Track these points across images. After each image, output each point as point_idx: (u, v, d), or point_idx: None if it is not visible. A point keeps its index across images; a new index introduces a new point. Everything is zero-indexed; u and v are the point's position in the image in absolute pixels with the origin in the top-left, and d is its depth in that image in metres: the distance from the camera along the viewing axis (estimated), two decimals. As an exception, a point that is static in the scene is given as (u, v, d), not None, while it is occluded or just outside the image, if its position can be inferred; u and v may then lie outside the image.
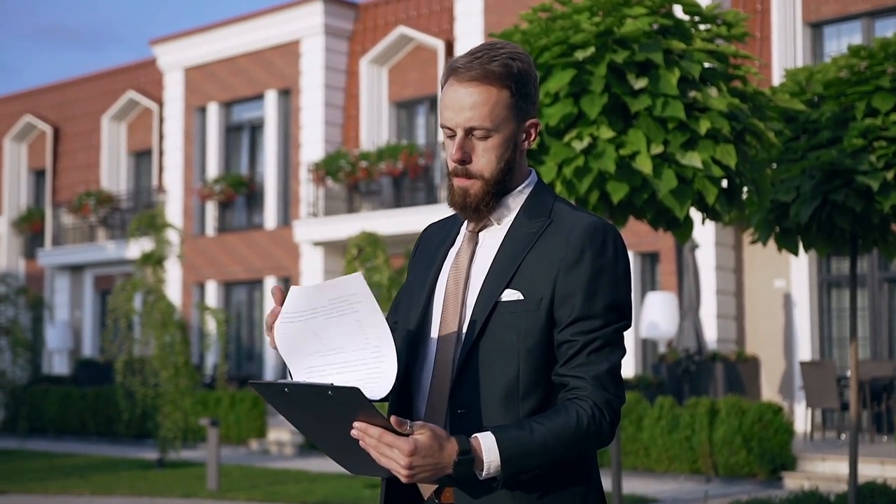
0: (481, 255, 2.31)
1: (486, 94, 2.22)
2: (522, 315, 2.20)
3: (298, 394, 2.04)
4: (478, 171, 2.26)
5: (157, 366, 14.85)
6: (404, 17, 20.74)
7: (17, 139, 27.56)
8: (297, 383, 2.04)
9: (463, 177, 2.26)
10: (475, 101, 2.22)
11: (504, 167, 2.26)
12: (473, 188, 2.27)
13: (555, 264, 2.21)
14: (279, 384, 2.05)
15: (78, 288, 25.67)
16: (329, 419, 2.06)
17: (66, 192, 26.02)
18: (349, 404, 2.00)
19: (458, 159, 2.25)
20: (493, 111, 2.22)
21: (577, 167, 6.05)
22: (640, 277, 17.13)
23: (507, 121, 2.24)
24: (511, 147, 2.27)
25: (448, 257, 2.38)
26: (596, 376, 2.17)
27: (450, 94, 2.25)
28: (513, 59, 2.25)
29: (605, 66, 5.98)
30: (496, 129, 2.23)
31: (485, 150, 2.24)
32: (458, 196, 2.29)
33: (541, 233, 2.26)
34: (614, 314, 2.22)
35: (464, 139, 2.24)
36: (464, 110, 2.22)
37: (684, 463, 12.90)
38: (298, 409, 2.09)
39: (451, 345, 2.26)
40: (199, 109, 23.16)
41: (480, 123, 2.22)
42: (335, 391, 1.99)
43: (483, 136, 2.24)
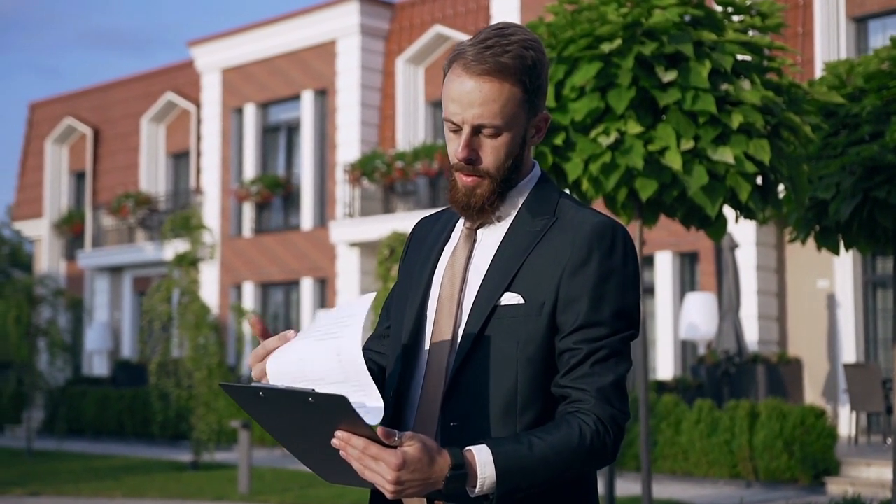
0: (479, 254, 2.13)
1: (497, 89, 2.03)
2: (522, 320, 2.03)
3: (275, 399, 1.88)
4: (485, 169, 2.08)
5: (191, 367, 14.80)
6: (440, 16, 20.58)
7: (59, 141, 27.75)
8: (274, 388, 1.87)
9: (469, 174, 2.09)
10: (486, 97, 2.03)
11: (511, 165, 2.09)
12: (480, 187, 2.09)
13: (559, 266, 2.03)
14: (253, 387, 1.89)
15: (117, 289, 25.78)
16: (308, 427, 1.90)
17: (106, 193, 26.14)
18: (332, 413, 1.83)
19: (465, 158, 2.07)
20: (505, 108, 2.04)
21: (603, 163, 5.86)
22: (680, 278, 16.85)
23: (518, 117, 2.07)
24: (520, 144, 2.10)
25: (443, 256, 2.19)
26: (600, 389, 1.99)
27: (456, 86, 2.05)
28: (526, 49, 2.06)
29: (632, 58, 5.78)
30: (507, 126, 2.06)
31: (493, 149, 2.07)
32: (462, 195, 2.10)
33: (544, 232, 2.08)
34: (622, 322, 2.03)
35: (471, 136, 2.06)
36: (472, 106, 2.04)
37: (724, 467, 12.62)
38: (274, 415, 1.93)
39: (445, 352, 2.08)
40: (236, 110, 23.16)
41: (490, 121, 2.04)
42: (317, 398, 1.82)
43: (492, 133, 2.06)
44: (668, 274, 16.75)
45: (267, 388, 1.87)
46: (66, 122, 27.21)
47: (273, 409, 1.91)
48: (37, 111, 28.72)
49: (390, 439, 1.85)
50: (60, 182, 27.79)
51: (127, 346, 25.00)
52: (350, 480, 1.95)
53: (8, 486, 13.03)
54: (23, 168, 28.86)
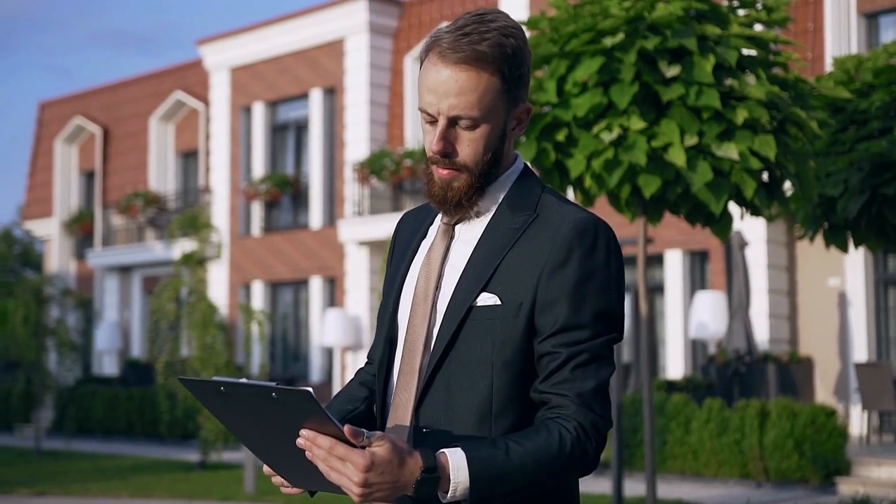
0: (456, 251, 2.04)
1: (474, 79, 1.93)
2: (499, 322, 1.93)
3: (236, 394, 1.79)
4: (462, 162, 1.99)
5: (198, 367, 14.74)
6: (449, 13, 20.50)
7: (68, 141, 27.76)
8: (236, 382, 1.77)
9: (445, 167, 2.00)
10: (462, 87, 1.93)
11: (491, 159, 2.00)
12: (457, 181, 1.99)
13: (538, 265, 1.94)
14: (214, 382, 1.79)
15: (127, 289, 25.77)
16: (272, 425, 1.81)
17: (116, 193, 26.14)
18: (296, 409, 1.74)
19: (441, 151, 1.97)
20: (482, 99, 1.94)
21: (606, 160, 5.77)
22: (690, 276, 16.74)
23: (497, 108, 1.97)
24: (500, 136, 2.00)
25: (419, 252, 2.11)
26: (580, 394, 1.90)
27: (432, 75, 1.96)
28: (506, 37, 1.95)
29: (635, 53, 5.69)
30: (484, 118, 1.96)
31: (470, 141, 1.97)
32: (438, 188, 2.01)
33: (524, 229, 1.99)
34: (604, 324, 1.94)
35: (447, 128, 1.97)
36: (448, 96, 1.94)
37: (734, 467, 12.51)
38: (238, 413, 1.84)
39: (418, 353, 2.00)
40: (244, 109, 23.12)
41: (467, 113, 1.94)
42: (281, 393, 1.73)
43: (469, 125, 1.96)
44: (677, 272, 16.64)
45: (228, 382, 1.78)
46: (75, 121, 27.22)
47: (236, 405, 1.82)
48: (46, 111, 28.75)
49: (358, 439, 1.76)
50: (70, 181, 27.80)
51: (136, 345, 24.99)
52: (316, 485, 1.87)
53: (15, 486, 13.00)
54: (33, 168, 28.89)
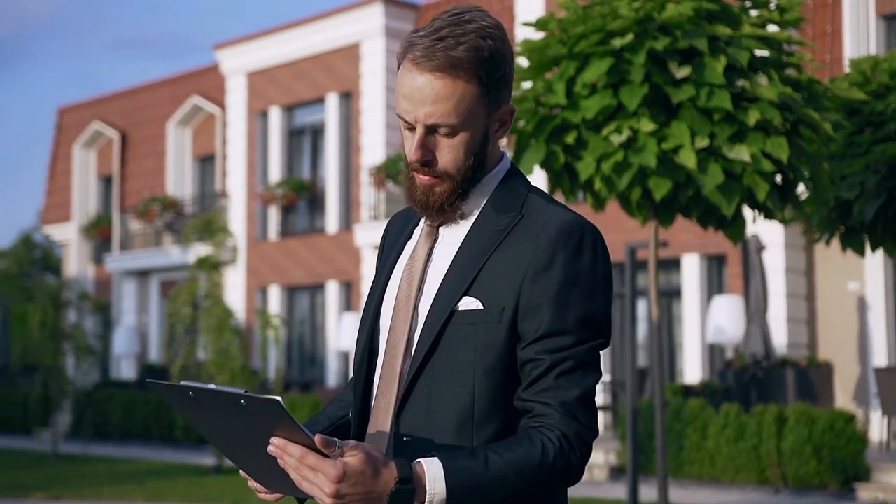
0: (440, 253, 1.98)
1: (450, 86, 1.87)
2: (481, 328, 1.87)
3: (206, 400, 1.76)
4: (443, 169, 1.93)
5: (213, 371, 14.74)
6: (465, 17, 20.43)
7: (87, 146, 27.85)
8: (205, 388, 1.74)
9: (426, 174, 1.95)
10: (438, 95, 1.88)
11: (473, 163, 1.95)
12: (439, 187, 1.94)
13: (521, 269, 1.88)
14: (183, 386, 1.76)
15: (144, 293, 25.82)
16: (243, 432, 1.77)
17: (134, 197, 26.21)
18: (266, 418, 1.71)
19: (419, 160, 1.92)
20: (460, 106, 1.89)
21: (616, 162, 5.70)
22: (707, 280, 16.63)
23: (477, 114, 1.92)
24: (481, 140, 1.95)
25: (403, 255, 2.06)
26: (564, 403, 1.84)
27: (407, 82, 1.90)
28: (483, 38, 1.89)
29: (644, 54, 5.62)
30: (463, 125, 1.90)
31: (451, 148, 1.92)
32: (420, 193, 1.96)
33: (508, 230, 1.92)
34: (589, 330, 1.88)
35: (425, 136, 1.92)
36: (424, 104, 1.89)
37: (751, 473, 12.39)
38: (208, 418, 1.82)
39: (399, 359, 1.94)
40: (261, 114, 23.14)
41: (444, 120, 1.89)
42: (249, 401, 1.69)
43: (448, 133, 1.91)
44: (694, 276, 16.53)
45: (197, 387, 1.74)
46: (94, 126, 27.31)
47: (206, 411, 1.79)
48: (65, 116, 28.86)
49: (329, 449, 1.71)
50: (88, 186, 27.89)
51: (154, 349, 25.04)
52: (292, 490, 1.83)
53: (31, 490, 13.02)
54: (52, 172, 29.01)
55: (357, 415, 2.00)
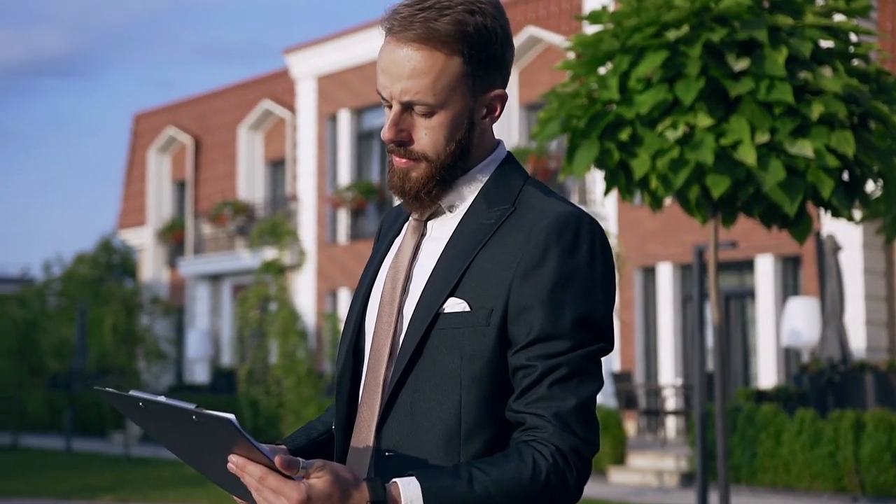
0: (426, 250, 1.81)
1: (429, 60, 1.71)
2: (468, 331, 1.70)
3: (158, 412, 1.64)
4: (420, 151, 1.76)
5: (280, 374, 14.74)
6: (533, 17, 20.24)
7: (161, 151, 28.20)
8: (155, 399, 1.61)
9: (402, 157, 1.78)
10: (414, 69, 1.72)
11: (455, 149, 1.77)
12: (415, 171, 1.78)
13: (510, 267, 1.70)
14: (133, 397, 1.64)
15: (217, 297, 26.03)
16: (200, 445, 1.65)
17: (206, 202, 26.45)
18: (220, 435, 1.58)
19: (392, 139, 1.76)
20: (438, 83, 1.72)
21: (672, 159, 5.48)
22: (782, 282, 16.21)
23: (459, 94, 1.74)
24: (464, 126, 1.77)
25: (391, 251, 1.89)
26: (558, 414, 1.65)
27: (385, 54, 1.75)
28: (471, 13, 1.73)
29: (701, 46, 5.39)
30: (442, 104, 1.74)
31: (428, 129, 1.75)
32: (396, 178, 1.80)
33: (499, 224, 1.75)
34: (586, 333, 1.69)
35: (400, 114, 1.75)
36: (400, 79, 1.72)
37: (828, 481, 12.01)
38: (164, 429, 1.70)
39: (382, 367, 1.78)
40: (330, 117, 23.18)
41: (421, 98, 1.72)
42: (200, 417, 1.56)
43: (425, 112, 1.74)
44: (769, 278, 16.12)
45: (147, 398, 1.61)
46: (168, 131, 27.64)
47: (160, 422, 1.67)
48: (141, 122, 29.27)
49: (292, 470, 1.56)
50: (163, 191, 28.23)
51: (226, 353, 25.23)
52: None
53: (99, 493, 13.14)
54: (128, 178, 29.43)
55: (341, 427, 1.84)
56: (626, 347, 17.87)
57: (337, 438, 1.84)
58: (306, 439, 1.93)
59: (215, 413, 1.54)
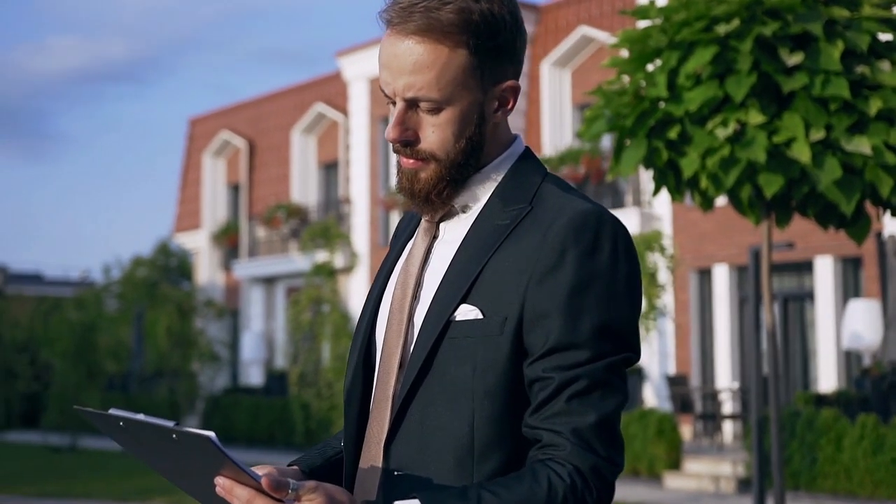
0: (438, 254, 1.69)
1: (432, 53, 1.59)
2: (481, 341, 1.57)
3: (138, 431, 1.55)
4: (428, 151, 1.64)
5: (332, 377, 14.72)
6: (586, 16, 20.04)
7: (216, 155, 28.38)
8: (134, 418, 1.52)
9: (409, 157, 1.66)
10: (417, 63, 1.59)
11: (466, 147, 1.65)
12: (424, 172, 1.65)
13: (525, 271, 1.57)
14: (113, 416, 1.55)
15: (271, 299, 26.12)
16: (182, 463, 1.56)
17: (260, 205, 26.57)
18: (202, 453, 1.48)
19: (397, 138, 1.64)
20: (443, 77, 1.60)
21: (722, 158, 5.31)
22: (842, 284, 15.85)
23: (466, 88, 1.62)
24: (475, 121, 1.64)
25: (403, 255, 1.77)
26: (577, 430, 1.52)
27: (386, 48, 1.63)
28: (475, 0, 1.60)
29: (752, 40, 5.21)
30: (449, 100, 1.61)
31: (435, 127, 1.63)
32: (405, 180, 1.68)
33: (514, 225, 1.62)
34: (608, 342, 1.55)
35: (405, 112, 1.63)
36: (402, 74, 1.60)
37: (891, 488, 11.70)
38: (146, 448, 1.61)
39: (391, 379, 1.66)
40: (383, 120, 23.14)
41: (425, 94, 1.60)
42: (181, 435, 1.47)
43: (431, 109, 1.62)
44: (828, 280, 15.77)
45: (127, 417, 1.52)
46: (222, 135, 27.81)
47: (142, 441, 1.59)
48: (196, 126, 29.49)
49: (281, 492, 1.45)
50: (217, 194, 28.41)
51: (280, 355, 25.30)
52: None
53: (154, 494, 13.21)
54: (183, 182, 29.66)
55: (350, 445, 1.72)
56: (682, 350, 17.60)
57: (346, 457, 1.72)
58: (322, 458, 1.81)
59: (196, 431, 1.44)
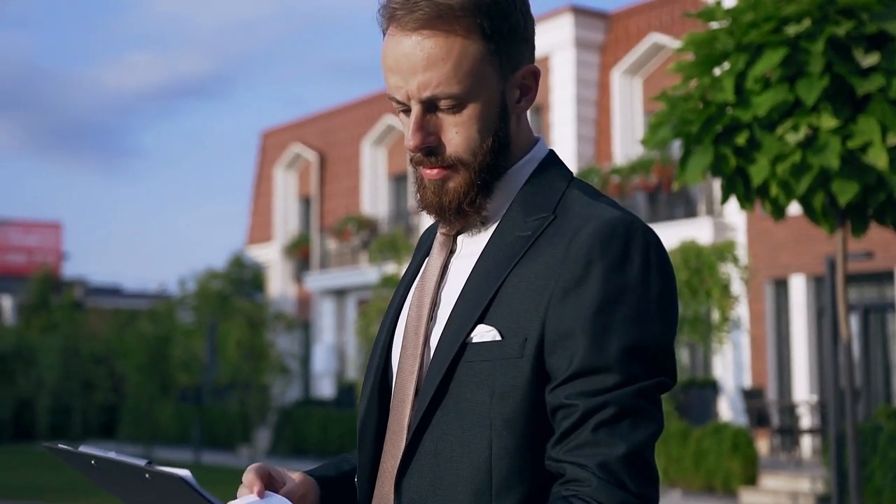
0: (455, 270, 1.55)
1: (444, 44, 1.44)
2: (498, 364, 1.42)
3: (111, 469, 1.46)
4: (454, 156, 1.49)
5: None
6: (657, 23, 19.76)
7: (287, 167, 28.57)
8: (106, 456, 1.42)
9: (433, 167, 1.50)
10: (430, 57, 1.44)
11: (494, 145, 1.49)
12: (452, 181, 1.50)
13: (546, 286, 1.42)
14: (85, 454, 1.45)
15: (342, 311, 26.16)
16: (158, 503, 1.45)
17: (331, 217, 26.66)
18: (177, 493, 1.38)
19: (419, 146, 1.49)
20: (461, 68, 1.45)
21: (793, 164, 5.09)
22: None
23: (486, 78, 1.47)
24: (499, 114, 1.49)
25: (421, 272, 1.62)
26: (604, 464, 1.36)
27: (390, 50, 1.48)
28: None
29: (824, 41, 4.99)
30: (470, 94, 1.46)
31: (459, 127, 1.48)
32: (431, 194, 1.52)
33: (536, 236, 1.47)
34: (638, 365, 1.39)
35: (423, 116, 1.48)
36: (415, 73, 1.46)
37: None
38: (119, 485, 1.51)
39: (406, 407, 1.52)
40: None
41: (444, 90, 1.45)
42: (155, 475, 1.36)
43: (452, 106, 1.47)
44: (910, 290, 15.28)
45: (99, 456, 1.42)
46: (293, 148, 27.99)
47: (117, 480, 1.48)
48: (268, 139, 29.72)
49: None
50: (288, 207, 28.57)
51: (352, 367, 25.31)
52: None
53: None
54: (255, 194, 29.89)
55: (364, 480, 1.57)
56: (758, 363, 17.20)
57: (360, 493, 1.58)
58: (336, 471, 1.67)
59: (169, 470, 1.34)
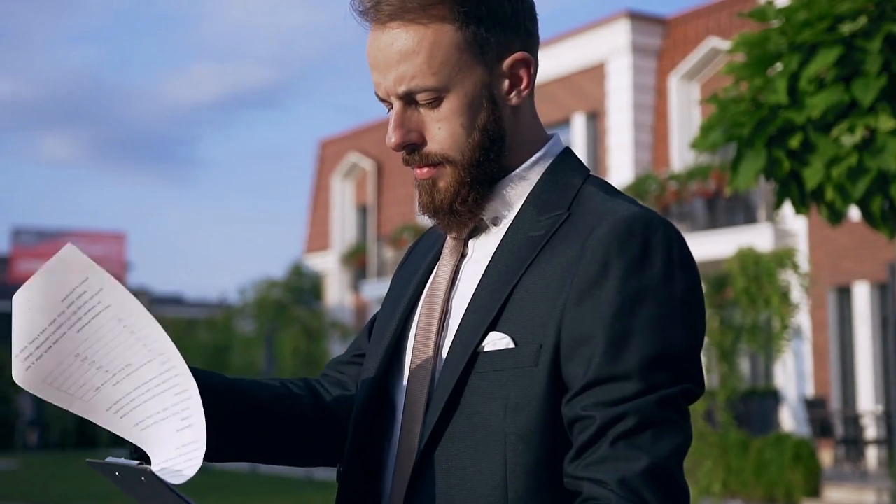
0: (467, 275, 1.45)
1: (415, 34, 1.37)
2: (512, 374, 1.33)
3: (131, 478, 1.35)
4: (438, 152, 1.41)
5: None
6: (715, 26, 19.49)
7: (345, 176, 28.67)
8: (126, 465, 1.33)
9: (419, 165, 1.43)
10: (402, 50, 1.37)
11: (482, 140, 1.41)
12: (441, 180, 1.43)
13: (561, 288, 1.32)
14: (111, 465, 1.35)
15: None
16: None
17: (388, 226, 26.70)
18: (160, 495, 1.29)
19: (397, 144, 1.42)
20: (434, 59, 1.37)
21: (849, 167, 4.92)
22: None
23: (465, 68, 1.39)
24: (485, 106, 1.41)
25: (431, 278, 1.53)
26: (624, 480, 1.24)
27: (370, 47, 1.42)
28: None
29: (881, 39, 4.82)
30: (447, 86, 1.39)
31: (441, 122, 1.40)
32: (425, 194, 1.46)
33: (550, 236, 1.37)
34: (661, 372, 1.28)
35: (403, 112, 1.41)
36: (390, 67, 1.39)
37: None
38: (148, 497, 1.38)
39: (418, 420, 1.42)
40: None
41: (419, 83, 1.38)
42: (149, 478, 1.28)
43: (430, 100, 1.39)
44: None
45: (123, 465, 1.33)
46: (350, 157, 28.08)
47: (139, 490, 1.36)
48: (326, 148, 29.86)
49: None
50: (346, 216, 28.67)
51: (409, 376, 25.35)
52: None
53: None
54: (314, 204, 30.04)
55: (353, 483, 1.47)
56: (821, 372, 16.85)
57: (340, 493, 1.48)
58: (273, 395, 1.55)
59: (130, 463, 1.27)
